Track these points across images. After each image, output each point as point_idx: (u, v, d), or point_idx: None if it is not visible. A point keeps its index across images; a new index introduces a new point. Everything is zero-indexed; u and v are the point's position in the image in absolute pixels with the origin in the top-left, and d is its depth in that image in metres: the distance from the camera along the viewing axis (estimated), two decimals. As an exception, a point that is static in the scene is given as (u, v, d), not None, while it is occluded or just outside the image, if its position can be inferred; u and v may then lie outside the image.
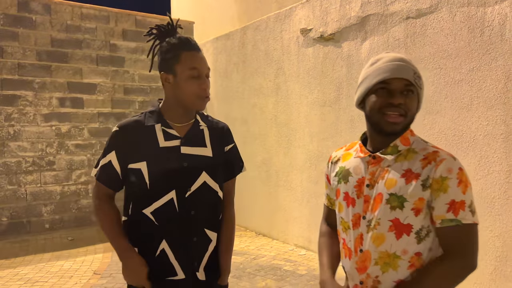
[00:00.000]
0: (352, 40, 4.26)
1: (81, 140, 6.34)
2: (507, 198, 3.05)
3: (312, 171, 4.79)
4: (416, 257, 1.25)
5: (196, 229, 1.60)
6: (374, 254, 1.27)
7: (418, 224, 1.24)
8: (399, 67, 1.26)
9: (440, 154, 1.25)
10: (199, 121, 1.67)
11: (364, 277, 1.30)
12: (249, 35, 5.79)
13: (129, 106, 6.75)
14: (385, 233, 1.26)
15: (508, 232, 3.05)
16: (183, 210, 1.57)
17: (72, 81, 6.25)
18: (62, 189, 6.20)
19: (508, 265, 3.06)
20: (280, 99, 5.25)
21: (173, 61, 1.54)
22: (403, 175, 1.25)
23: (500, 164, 3.08)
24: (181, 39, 1.58)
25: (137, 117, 1.62)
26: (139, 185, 1.56)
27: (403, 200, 1.23)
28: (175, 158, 1.57)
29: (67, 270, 4.45)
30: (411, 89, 1.26)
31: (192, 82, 1.53)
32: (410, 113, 1.27)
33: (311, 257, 4.63)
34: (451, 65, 3.37)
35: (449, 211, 1.21)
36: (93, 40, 6.40)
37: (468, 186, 1.23)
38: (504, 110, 3.05)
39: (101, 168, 1.60)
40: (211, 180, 1.62)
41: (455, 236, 1.22)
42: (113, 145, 1.59)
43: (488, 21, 3.13)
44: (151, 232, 1.57)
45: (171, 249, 1.56)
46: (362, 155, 1.36)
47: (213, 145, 1.66)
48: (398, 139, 1.30)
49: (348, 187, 1.37)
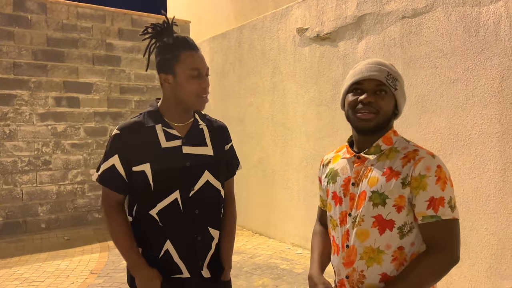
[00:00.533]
0: (348, 40, 4.28)
1: (77, 139, 6.33)
2: (502, 196, 3.07)
3: (309, 170, 4.81)
4: (399, 251, 1.30)
5: (200, 228, 1.61)
6: (359, 249, 1.33)
7: (400, 220, 1.30)
8: (372, 68, 1.34)
9: (419, 152, 1.31)
10: (198, 120, 1.68)
11: (350, 271, 1.36)
12: (245, 35, 5.80)
13: (126, 105, 6.74)
14: (369, 229, 1.32)
15: (503, 230, 3.08)
16: (187, 209, 1.58)
17: (68, 81, 6.23)
18: (58, 189, 6.19)
19: (503, 263, 3.08)
20: (276, 98, 5.26)
21: (173, 61, 1.54)
22: (384, 173, 1.32)
23: (495, 162, 3.10)
24: (179, 39, 1.57)
25: (136, 118, 1.61)
26: (143, 187, 1.56)
27: (384, 197, 1.30)
28: (178, 158, 1.57)
29: (63, 269, 4.44)
30: (383, 89, 1.33)
31: (193, 81, 1.54)
32: (383, 111, 1.33)
33: (308, 256, 4.65)
34: (446, 65, 3.39)
35: (429, 208, 1.26)
36: (89, 39, 6.39)
37: (446, 182, 1.28)
38: (499, 109, 3.07)
39: (104, 172, 1.57)
40: (213, 178, 1.63)
41: (436, 232, 1.27)
42: (115, 148, 1.56)
43: (483, 21, 3.15)
44: (156, 232, 1.58)
45: (175, 249, 1.57)
46: (348, 156, 1.42)
47: (214, 144, 1.66)
48: (380, 139, 1.37)
49: (336, 187, 1.44)
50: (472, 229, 3.25)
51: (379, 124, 1.34)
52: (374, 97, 1.32)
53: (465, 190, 3.29)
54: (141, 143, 1.55)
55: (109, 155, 1.57)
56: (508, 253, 3.05)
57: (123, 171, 1.56)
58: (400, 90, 1.36)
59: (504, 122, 3.04)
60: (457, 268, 3.33)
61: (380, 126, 1.35)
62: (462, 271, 3.30)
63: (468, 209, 3.27)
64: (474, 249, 3.24)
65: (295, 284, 3.84)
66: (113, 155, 1.56)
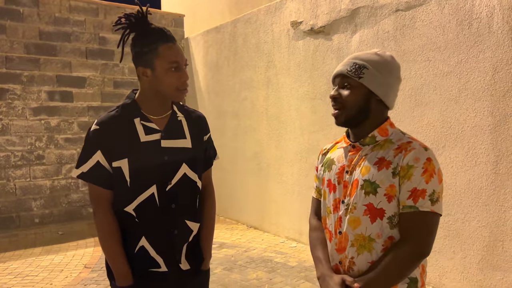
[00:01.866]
0: (342, 33, 4.27)
1: (71, 134, 6.29)
2: (494, 188, 3.09)
3: (303, 163, 4.81)
4: (389, 241, 1.32)
5: (176, 222, 1.58)
6: (351, 236, 1.36)
7: (390, 210, 1.31)
8: (340, 65, 1.40)
9: (412, 144, 1.33)
10: (177, 112, 1.64)
11: (342, 257, 1.39)
12: (239, 28, 5.77)
13: (119, 99, 6.69)
14: (360, 217, 1.34)
15: (495, 222, 3.10)
16: (164, 204, 1.55)
17: (61, 75, 6.18)
18: (52, 184, 6.15)
19: (495, 255, 3.11)
20: (270, 92, 5.25)
21: (151, 55, 1.49)
22: (376, 162, 1.34)
23: (487, 155, 3.12)
24: (155, 31, 1.52)
25: (113, 112, 1.56)
26: (119, 183, 1.52)
27: (376, 186, 1.32)
28: (156, 152, 1.54)
29: (57, 264, 4.43)
30: (347, 82, 1.36)
31: (172, 75, 1.50)
32: (349, 104, 1.35)
33: (302, 249, 4.66)
34: (439, 58, 3.39)
35: (410, 198, 1.28)
36: (82, 33, 6.33)
37: (433, 176, 1.28)
38: (491, 102, 3.08)
39: (90, 170, 1.52)
40: (190, 171, 1.61)
41: (411, 222, 1.29)
42: (96, 144, 1.51)
43: (476, 14, 3.15)
44: (131, 229, 1.55)
45: (151, 244, 1.55)
46: (345, 145, 1.46)
47: (192, 136, 1.64)
48: (376, 130, 1.39)
49: (331, 175, 1.46)
50: (464, 221, 3.27)
51: (350, 117, 1.36)
52: (338, 92, 1.37)
53: (458, 182, 3.31)
54: (120, 137, 1.51)
55: (92, 151, 1.52)
56: (500, 245, 3.07)
57: (108, 165, 1.52)
58: (368, 76, 1.34)
59: (496, 115, 3.06)
60: (450, 260, 3.35)
61: (353, 118, 1.37)
62: (454, 263, 3.33)
63: (461, 202, 3.29)
64: (466, 241, 3.27)
65: (289, 277, 3.85)
66: (95, 151, 1.51)
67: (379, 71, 1.36)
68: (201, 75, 6.71)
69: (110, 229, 1.53)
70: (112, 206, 1.56)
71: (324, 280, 1.40)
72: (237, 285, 3.68)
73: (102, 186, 1.53)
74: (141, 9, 1.55)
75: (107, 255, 1.54)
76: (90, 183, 1.54)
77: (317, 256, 1.48)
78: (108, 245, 1.53)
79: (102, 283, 3.82)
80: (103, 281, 3.87)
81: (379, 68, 1.36)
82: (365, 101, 1.37)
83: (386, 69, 1.38)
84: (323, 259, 1.46)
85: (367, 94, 1.36)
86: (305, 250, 4.63)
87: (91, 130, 1.53)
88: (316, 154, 4.59)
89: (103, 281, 3.88)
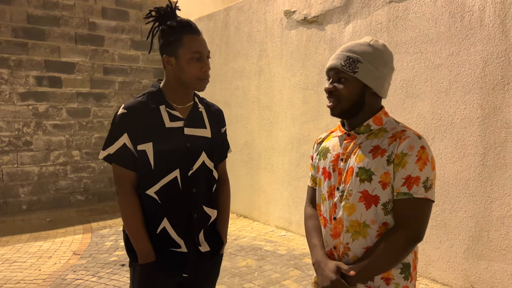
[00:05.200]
0: (335, 23, 4.27)
1: (59, 120, 6.21)
2: (481, 180, 3.15)
3: (294, 153, 4.84)
4: (384, 227, 1.36)
5: (196, 206, 1.67)
6: (346, 222, 1.38)
7: (385, 197, 1.35)
8: (334, 57, 1.41)
9: (406, 132, 1.36)
10: (198, 104, 1.73)
11: (337, 242, 1.42)
12: (232, 16, 5.73)
13: (109, 86, 6.63)
14: (355, 203, 1.37)
15: (481, 213, 3.16)
16: (186, 188, 1.63)
17: (49, 60, 6.09)
18: (40, 170, 6.09)
19: (480, 244, 3.18)
20: (262, 82, 5.24)
21: (176, 44, 1.57)
22: (371, 151, 1.37)
23: (475, 147, 3.17)
24: (182, 23, 1.60)
25: (140, 98, 1.64)
26: (143, 166, 1.60)
27: (370, 173, 1.34)
28: (179, 138, 1.62)
29: (45, 250, 4.41)
30: (342, 76, 1.38)
31: (194, 64, 1.58)
32: (344, 97, 1.38)
33: (291, 238, 4.71)
34: (431, 50, 3.42)
35: (404, 185, 1.31)
36: (71, 17, 6.23)
37: (426, 164, 1.31)
38: (481, 95, 3.12)
39: (117, 152, 1.59)
40: (208, 160, 1.70)
41: (405, 208, 1.32)
42: (123, 127, 1.59)
43: (468, 7, 3.17)
44: (153, 211, 1.62)
45: (172, 226, 1.63)
46: (340, 134, 1.50)
47: (212, 127, 1.73)
48: (370, 119, 1.41)
49: (326, 163, 1.49)
50: (452, 211, 3.33)
51: (345, 109, 1.40)
52: (334, 85, 1.39)
53: (446, 173, 3.36)
54: (146, 122, 1.59)
55: (119, 134, 1.59)
56: (485, 235, 3.14)
57: (133, 149, 1.60)
58: (363, 71, 1.36)
59: (485, 107, 3.10)
60: (436, 250, 3.42)
61: (347, 110, 1.40)
62: (440, 252, 3.40)
63: (448, 193, 3.35)
64: (453, 231, 3.33)
65: (278, 265, 3.89)
66: (122, 134, 1.59)
67: (373, 64, 1.37)
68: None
69: (133, 209, 1.60)
70: (135, 188, 1.62)
71: (319, 267, 1.43)
72: (227, 272, 3.71)
73: (127, 168, 1.60)
74: (170, 4, 1.64)
75: (130, 233, 1.61)
76: (115, 164, 1.61)
77: (313, 243, 1.51)
78: (131, 224, 1.60)
79: (92, 270, 3.82)
80: (92, 268, 3.87)
81: (373, 61, 1.37)
82: (360, 94, 1.39)
83: (380, 62, 1.39)
84: (318, 245, 1.48)
85: (362, 87, 1.38)
86: (294, 238, 4.68)
87: (118, 113, 1.61)
88: (308, 144, 4.62)
89: (93, 267, 3.88)
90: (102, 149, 1.63)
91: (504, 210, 3.03)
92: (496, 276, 3.10)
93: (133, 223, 1.59)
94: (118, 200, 1.63)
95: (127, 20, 6.75)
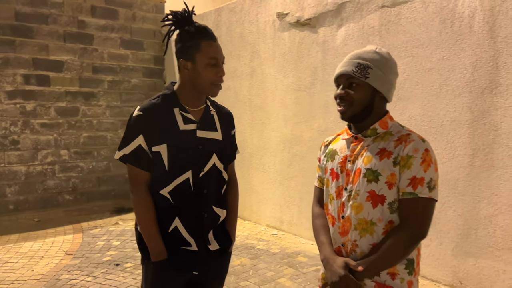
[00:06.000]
0: (328, 26, 4.36)
1: (48, 119, 6.14)
2: (469, 180, 3.28)
3: (286, 153, 4.91)
4: (390, 224, 1.43)
5: (206, 206, 1.73)
6: (354, 221, 1.46)
7: (391, 196, 1.43)
8: (344, 64, 1.49)
9: (411, 136, 1.45)
10: (209, 107, 1.79)
11: (345, 239, 1.49)
12: (223, 17, 5.77)
13: (98, 85, 6.58)
14: (363, 203, 1.44)
15: (469, 212, 3.29)
16: (197, 188, 1.68)
17: (37, 58, 6.01)
18: (27, 169, 6.01)
19: (468, 242, 3.30)
20: (254, 83, 5.30)
21: (194, 49, 1.62)
22: (378, 153, 1.45)
23: (464, 148, 3.29)
24: (200, 29, 1.65)
25: (155, 100, 1.68)
26: (157, 167, 1.64)
27: (377, 174, 1.43)
28: (192, 141, 1.67)
29: (37, 251, 4.37)
30: (353, 82, 1.46)
31: (210, 70, 1.63)
32: (356, 102, 1.46)
33: (283, 237, 4.78)
34: (422, 54, 3.53)
35: (409, 186, 1.40)
36: (60, 15, 6.16)
37: (430, 165, 1.41)
38: (470, 98, 3.25)
39: (132, 152, 1.63)
40: (218, 162, 1.75)
41: (410, 207, 1.40)
42: (139, 129, 1.63)
43: (458, 13, 3.29)
44: (166, 210, 1.66)
45: (183, 225, 1.67)
46: (347, 137, 1.57)
47: (222, 129, 1.78)
48: (377, 123, 1.50)
49: (334, 164, 1.57)
50: (441, 210, 3.45)
51: (356, 113, 1.48)
52: (346, 91, 1.47)
53: (436, 174, 3.47)
54: (161, 124, 1.63)
55: (134, 135, 1.63)
56: (473, 233, 3.27)
57: (148, 149, 1.64)
58: (373, 76, 1.44)
59: (474, 110, 3.23)
60: (426, 247, 3.53)
61: (358, 114, 1.48)
62: (430, 249, 3.51)
63: (438, 192, 3.46)
64: (442, 229, 3.45)
65: (273, 264, 3.95)
66: (138, 135, 1.63)
67: (381, 70, 1.46)
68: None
69: (146, 208, 1.63)
70: (149, 188, 1.66)
71: (327, 263, 1.50)
72: (222, 271, 3.76)
73: (142, 168, 1.64)
74: (187, 8, 1.68)
75: (143, 232, 1.65)
76: (130, 164, 1.64)
77: (321, 240, 1.58)
78: (145, 223, 1.64)
79: (86, 270, 3.81)
80: (86, 268, 3.86)
81: (381, 67, 1.46)
82: (371, 98, 1.47)
83: (387, 67, 1.48)
84: (326, 243, 1.55)
85: (372, 92, 1.47)
86: (286, 237, 4.75)
87: (133, 115, 1.65)
88: (300, 144, 4.70)
89: (87, 267, 3.87)
90: (118, 149, 1.67)
91: (491, 209, 3.16)
92: (483, 273, 3.23)
93: (147, 221, 1.63)
94: (132, 199, 1.66)
95: (117, 19, 6.71)
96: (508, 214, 3.07)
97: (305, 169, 4.68)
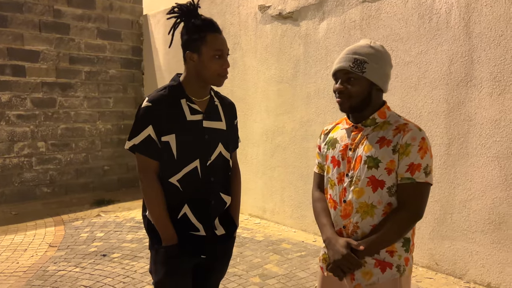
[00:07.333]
0: (310, 20, 4.46)
1: (23, 110, 6.00)
2: (446, 167, 3.48)
3: (268, 144, 5.01)
4: (389, 206, 1.56)
5: (213, 193, 1.80)
6: (355, 204, 1.57)
7: (390, 181, 1.54)
8: (340, 60, 1.58)
9: (408, 125, 1.56)
10: (214, 97, 1.85)
11: (347, 222, 1.60)
12: (204, 8, 5.76)
13: (75, 76, 6.47)
14: (364, 187, 1.55)
15: (445, 198, 3.49)
16: (205, 177, 1.76)
17: (12, 47, 5.85)
18: (3, 162, 5.87)
19: (444, 226, 3.51)
20: (236, 74, 5.35)
21: (200, 41, 1.67)
22: (378, 141, 1.56)
23: (441, 137, 3.49)
24: (206, 21, 1.71)
25: (162, 91, 1.74)
26: (167, 156, 1.70)
27: (377, 161, 1.54)
28: (199, 131, 1.74)
29: (19, 243, 4.32)
30: (351, 76, 1.56)
31: (216, 62, 1.69)
32: (354, 95, 1.55)
33: (266, 225, 4.90)
34: (402, 48, 3.69)
35: (407, 171, 1.51)
36: (35, 4, 6.00)
37: (426, 152, 1.53)
38: (446, 90, 3.43)
39: (142, 142, 1.68)
40: (224, 150, 1.83)
41: (408, 191, 1.52)
42: (148, 119, 1.68)
43: (436, 9, 3.46)
44: (175, 198, 1.72)
45: (192, 212, 1.74)
46: (347, 126, 1.67)
47: (226, 119, 1.86)
48: (376, 113, 1.60)
49: (335, 152, 1.67)
50: (419, 197, 3.64)
51: (354, 105, 1.58)
52: (344, 85, 1.56)
53: (414, 162, 3.66)
54: (169, 115, 1.69)
55: (143, 126, 1.68)
56: (449, 217, 3.48)
57: (157, 139, 1.69)
58: (370, 70, 1.54)
59: (450, 102, 3.42)
60: (405, 232, 3.72)
61: (356, 106, 1.58)
62: (408, 234, 3.71)
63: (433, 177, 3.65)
64: (420, 215, 3.65)
65: (258, 251, 4.06)
66: (147, 126, 1.68)
67: (377, 63, 1.57)
68: (162, 54, 6.64)
69: (156, 196, 1.69)
70: (158, 176, 1.71)
71: (330, 243, 1.61)
72: (209, 259, 3.84)
73: (151, 157, 1.69)
74: (192, 1, 1.72)
75: (153, 218, 1.70)
76: (140, 154, 1.69)
77: (322, 222, 1.69)
78: (155, 209, 1.69)
79: (73, 261, 3.81)
80: (73, 259, 3.86)
81: (377, 61, 1.57)
82: (368, 91, 1.57)
83: (382, 61, 1.59)
84: (328, 224, 1.66)
85: (369, 85, 1.57)
86: (269, 226, 4.88)
87: (142, 106, 1.69)
88: (282, 135, 4.81)
89: (73, 258, 3.87)
90: (128, 139, 1.72)
91: (466, 194, 3.37)
92: (458, 254, 3.45)
93: (157, 208, 1.69)
94: (141, 187, 1.72)
95: (94, 9, 6.59)
96: (481, 199, 3.28)
97: (287, 159, 4.80)
